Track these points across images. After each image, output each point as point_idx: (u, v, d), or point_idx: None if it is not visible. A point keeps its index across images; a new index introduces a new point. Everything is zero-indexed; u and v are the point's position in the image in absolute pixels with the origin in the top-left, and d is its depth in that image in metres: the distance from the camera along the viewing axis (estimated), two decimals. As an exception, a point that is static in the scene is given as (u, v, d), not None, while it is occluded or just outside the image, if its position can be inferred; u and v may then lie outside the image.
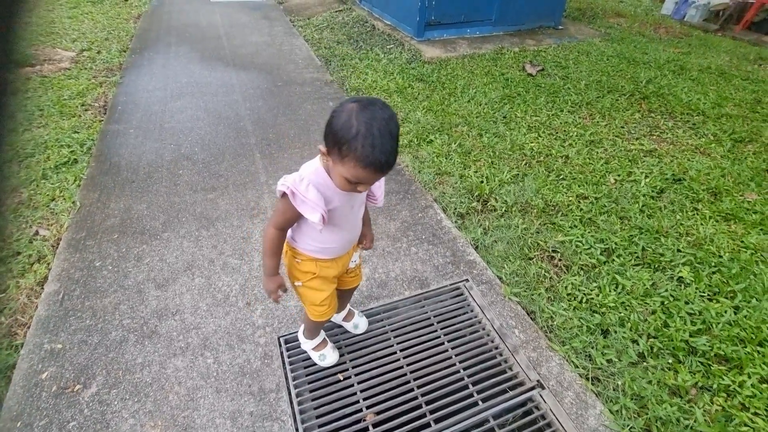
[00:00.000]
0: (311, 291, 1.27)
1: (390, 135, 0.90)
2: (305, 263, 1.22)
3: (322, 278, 1.26)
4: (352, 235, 1.23)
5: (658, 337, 1.76)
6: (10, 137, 0.27)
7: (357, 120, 0.88)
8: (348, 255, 1.30)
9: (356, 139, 0.87)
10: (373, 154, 0.88)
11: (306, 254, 1.21)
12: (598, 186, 2.63)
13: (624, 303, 1.91)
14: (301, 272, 1.24)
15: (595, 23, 5.81)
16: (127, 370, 1.56)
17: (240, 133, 3.07)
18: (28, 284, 1.87)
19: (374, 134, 0.87)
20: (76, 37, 4.65)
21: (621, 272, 2.06)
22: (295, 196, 1.01)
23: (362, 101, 0.91)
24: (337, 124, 0.90)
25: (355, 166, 0.90)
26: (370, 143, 0.87)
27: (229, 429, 1.40)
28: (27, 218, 2.21)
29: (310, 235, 1.16)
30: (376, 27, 5.23)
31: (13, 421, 1.40)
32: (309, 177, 1.03)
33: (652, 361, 1.68)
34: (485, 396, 1.54)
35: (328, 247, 1.19)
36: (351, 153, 0.89)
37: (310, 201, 1.00)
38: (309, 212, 1.01)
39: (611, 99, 3.65)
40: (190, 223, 2.24)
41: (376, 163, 0.89)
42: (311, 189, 1.01)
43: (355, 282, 1.46)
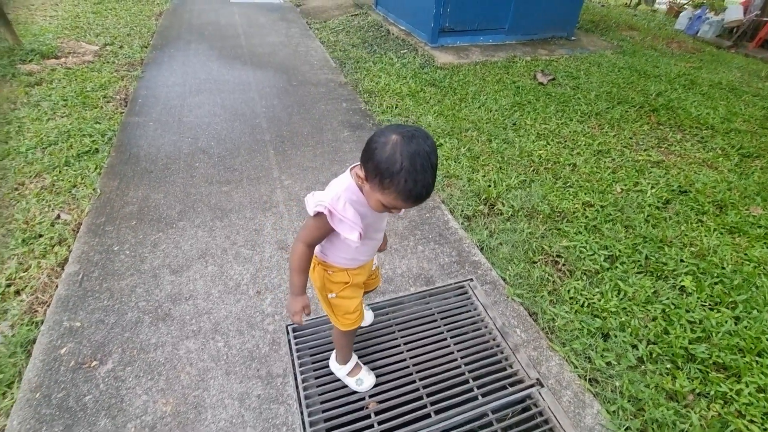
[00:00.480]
0: (345, 300, 1.29)
1: (431, 168, 0.91)
2: (337, 274, 1.24)
3: (354, 286, 1.29)
4: (378, 243, 1.27)
5: (658, 343, 1.79)
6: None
7: (401, 155, 0.88)
8: (371, 260, 1.36)
9: (400, 174, 0.88)
10: (415, 189, 0.90)
11: (337, 266, 1.23)
12: (604, 194, 2.67)
13: (625, 309, 1.94)
14: (334, 283, 1.26)
15: (607, 35, 5.86)
16: (141, 349, 1.62)
17: (255, 129, 3.16)
18: (49, 265, 1.95)
19: (417, 170, 0.88)
20: (100, 31, 4.79)
21: (624, 279, 2.09)
22: (333, 215, 1.01)
23: (405, 134, 0.90)
24: (380, 156, 0.90)
25: (396, 198, 0.93)
26: (413, 179, 0.89)
27: (237, 410, 1.46)
28: (49, 202, 2.30)
29: (342, 249, 1.18)
30: (391, 32, 5.33)
31: (32, 392, 1.47)
32: (344, 195, 1.02)
33: (650, 365, 1.71)
34: (485, 391, 1.58)
35: (358, 258, 1.23)
36: (392, 186, 0.90)
37: (349, 220, 1.01)
38: (348, 231, 1.02)
39: (621, 110, 3.69)
40: (204, 213, 2.31)
41: (416, 197, 0.92)
42: (349, 208, 1.01)
43: (376, 283, 1.51)
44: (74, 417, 1.40)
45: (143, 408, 1.44)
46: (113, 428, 1.38)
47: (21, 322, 1.71)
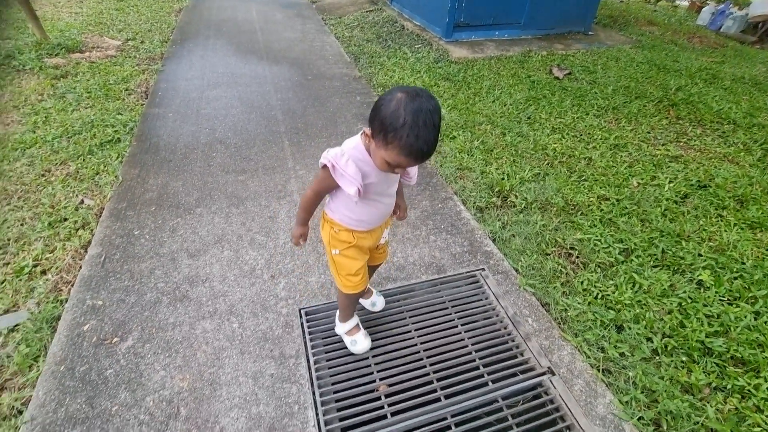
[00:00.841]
0: (348, 260, 1.34)
1: (433, 126, 0.95)
2: (342, 233, 1.30)
3: (358, 248, 1.33)
4: (386, 209, 1.29)
5: (673, 336, 1.76)
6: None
7: (404, 111, 0.92)
8: (381, 228, 1.37)
9: (402, 129, 0.93)
10: (417, 144, 0.94)
11: (342, 225, 1.28)
12: (620, 188, 2.63)
13: (640, 301, 1.91)
14: (339, 241, 1.31)
15: (626, 30, 5.75)
16: (159, 328, 1.67)
17: (270, 121, 3.20)
18: (73, 247, 2.02)
19: (419, 125, 0.93)
20: (122, 27, 4.92)
21: (639, 272, 2.06)
22: (335, 169, 1.08)
23: (410, 92, 0.95)
24: (385, 112, 0.95)
25: (399, 154, 0.97)
26: (415, 134, 0.93)
27: (251, 387, 1.49)
28: (74, 188, 2.38)
29: (347, 207, 1.23)
30: (406, 27, 5.33)
31: (57, 365, 1.53)
32: (349, 152, 1.09)
33: (665, 358, 1.69)
34: (495, 378, 1.59)
35: (363, 219, 1.26)
36: (395, 141, 0.95)
37: (349, 175, 1.07)
38: (347, 185, 1.09)
39: (638, 105, 3.62)
40: (221, 201, 2.36)
41: (417, 153, 0.96)
42: (350, 164, 1.08)
43: (382, 258, 1.54)
44: (96, 389, 1.46)
45: (161, 383, 1.49)
46: (133, 401, 1.43)
47: (47, 300, 1.78)
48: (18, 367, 1.53)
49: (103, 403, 1.42)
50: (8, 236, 2.06)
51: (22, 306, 1.76)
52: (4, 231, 2.08)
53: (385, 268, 2.01)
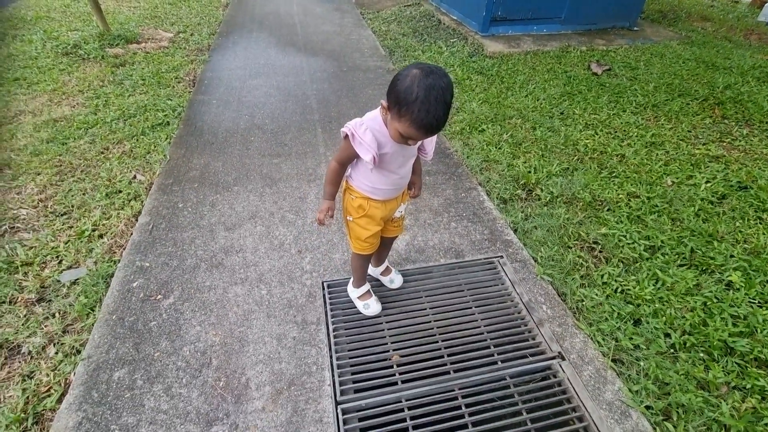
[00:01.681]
0: (359, 227, 1.46)
1: (444, 103, 1.03)
2: (357, 200, 1.41)
3: (369, 217, 1.43)
4: (401, 181, 1.38)
5: (694, 334, 1.74)
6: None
7: (418, 86, 1.00)
8: (396, 201, 1.47)
9: (414, 104, 1.01)
10: (427, 119, 1.02)
11: (359, 192, 1.39)
12: (652, 186, 2.57)
13: (662, 298, 1.89)
14: (353, 208, 1.43)
15: (676, 26, 5.47)
16: (197, 289, 1.85)
17: (306, 110, 3.36)
18: (125, 215, 2.25)
19: (430, 101, 1.00)
20: (174, 21, 5.27)
21: (663, 269, 2.03)
22: (354, 137, 1.19)
23: (425, 68, 1.03)
24: (400, 86, 1.03)
25: (410, 126, 1.05)
26: (426, 109, 1.01)
27: (275, 347, 1.63)
28: (128, 165, 2.63)
29: (365, 175, 1.34)
30: (442, 22, 5.35)
31: (110, 314, 1.74)
32: (368, 123, 1.20)
33: (683, 354, 1.67)
34: (505, 358, 1.64)
35: (379, 188, 1.36)
36: (408, 114, 1.03)
37: (365, 143, 1.18)
38: (363, 152, 1.19)
39: (681, 102, 3.48)
40: (256, 181, 2.53)
41: (427, 126, 1.04)
42: (368, 133, 1.18)
43: (397, 231, 1.63)
44: (141, 337, 1.65)
45: (197, 336, 1.66)
46: (172, 349, 1.61)
47: (102, 259, 2.01)
48: (78, 314, 1.75)
49: (146, 349, 1.60)
50: (72, 203, 2.32)
51: (83, 264, 1.99)
52: (69, 199, 2.34)
53: (405, 249, 2.10)
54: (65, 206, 2.30)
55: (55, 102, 3.29)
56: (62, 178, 2.51)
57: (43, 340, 1.66)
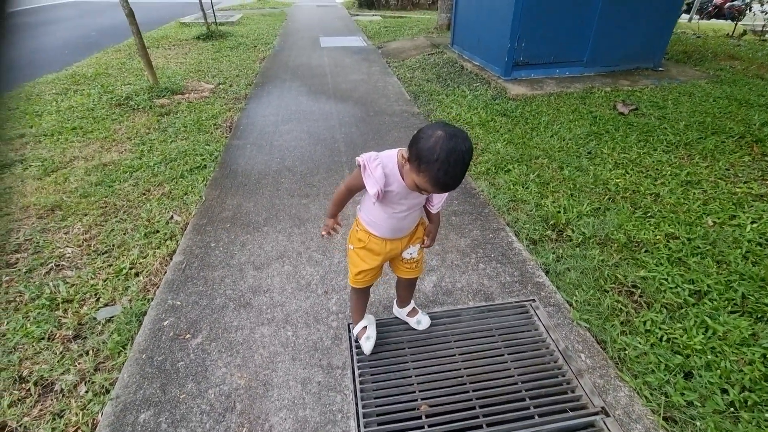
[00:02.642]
0: (357, 258, 1.50)
1: (463, 164, 1.07)
2: (360, 232, 1.46)
3: (369, 251, 1.47)
4: (403, 223, 1.40)
5: (755, 390, 1.57)
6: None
7: (441, 148, 1.04)
8: (400, 242, 1.48)
9: (435, 163, 1.05)
10: (444, 179, 1.07)
11: (363, 225, 1.44)
12: (692, 227, 2.45)
13: (714, 348, 1.74)
14: (356, 238, 1.49)
15: (702, 65, 5.44)
16: (225, 329, 1.86)
17: (334, 152, 3.49)
18: (161, 254, 2.34)
19: (450, 163, 1.04)
20: (216, 73, 5.73)
21: (713, 316, 1.88)
22: (365, 169, 1.23)
23: (449, 132, 1.06)
24: (423, 144, 1.07)
25: (426, 182, 1.10)
26: (445, 170, 1.05)
27: (299, 392, 1.59)
28: (166, 206, 2.77)
29: (368, 208, 1.40)
30: (465, 68, 5.55)
31: (140, 353, 1.76)
32: (383, 158, 1.23)
33: (745, 414, 1.50)
34: (542, 412, 1.52)
35: (379, 224, 1.39)
36: (427, 171, 1.07)
37: (374, 177, 1.22)
38: (370, 185, 1.23)
39: (715, 140, 3.38)
40: (285, 221, 2.60)
41: (444, 185, 1.10)
42: (379, 168, 1.22)
43: (412, 273, 1.62)
44: (169, 377, 1.65)
45: (222, 378, 1.64)
46: (197, 392, 1.59)
47: (137, 297, 2.07)
48: (110, 352, 1.78)
49: (173, 391, 1.60)
50: (113, 242, 2.44)
51: (118, 301, 2.06)
52: (111, 238, 2.47)
53: (432, 292, 2.06)
54: (107, 245, 2.42)
55: (105, 148, 3.57)
56: (106, 218, 2.66)
57: (75, 377, 1.69)
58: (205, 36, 7.94)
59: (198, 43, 7.75)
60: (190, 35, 8.27)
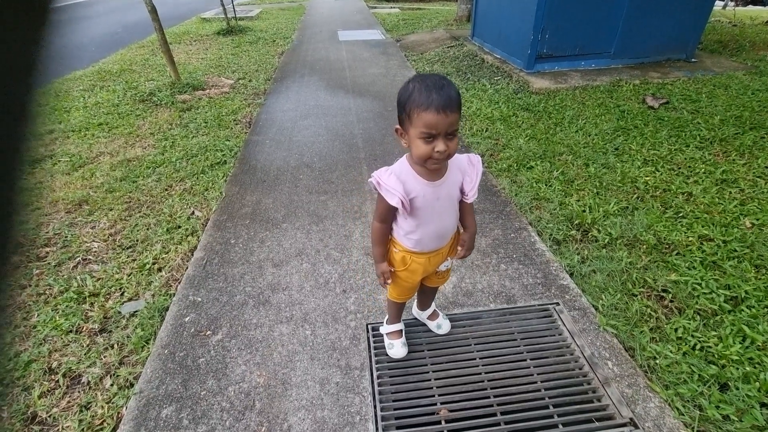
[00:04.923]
0: (399, 279, 1.43)
1: (444, 82, 1.03)
2: (400, 253, 1.36)
3: (409, 272, 1.39)
4: (441, 231, 1.29)
5: (798, 405, 1.48)
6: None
7: (412, 83, 1.06)
8: (441, 255, 1.39)
9: (414, 93, 1.03)
10: (430, 96, 1.00)
11: (400, 244, 1.34)
12: (728, 228, 2.32)
13: (752, 359, 1.64)
14: (396, 261, 1.39)
15: (739, 56, 5.15)
16: (244, 326, 1.87)
17: (352, 148, 3.46)
18: (183, 250, 2.37)
19: (428, 84, 1.02)
20: (236, 69, 5.77)
21: (751, 325, 1.78)
22: (380, 185, 1.17)
23: (421, 75, 1.09)
24: (399, 96, 1.09)
25: (419, 114, 1.01)
26: (426, 89, 1.01)
27: (317, 392, 1.58)
28: (188, 201, 2.81)
29: (401, 224, 1.30)
30: (486, 60, 5.42)
31: (162, 348, 1.79)
32: (393, 168, 1.19)
33: (786, 430, 1.42)
34: (567, 421, 1.47)
35: (417, 238, 1.28)
36: (413, 105, 1.02)
37: (390, 187, 1.15)
38: (389, 198, 1.15)
39: (754, 136, 3.19)
40: (304, 218, 2.60)
41: (434, 102, 0.99)
42: (392, 177, 1.16)
43: (441, 282, 1.58)
44: (190, 373, 1.67)
45: (242, 376, 1.65)
46: (217, 389, 1.61)
47: (160, 293, 2.10)
48: (134, 346, 1.82)
49: (194, 387, 1.62)
50: (137, 237, 2.49)
51: (142, 296, 2.10)
52: (135, 233, 2.52)
53: (452, 292, 2.02)
54: (131, 240, 2.47)
55: (130, 144, 3.65)
56: (130, 213, 2.71)
57: (101, 371, 1.73)
58: (225, 31, 8.01)
59: (218, 38, 7.83)
60: (211, 30, 8.35)
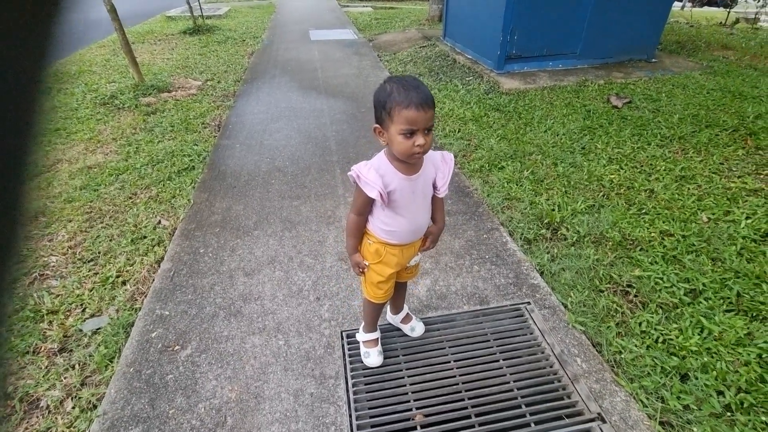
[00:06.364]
0: (374, 273, 1.43)
1: (418, 82, 1.11)
2: (374, 245, 1.37)
3: (385, 264, 1.40)
4: (415, 223, 1.33)
5: (751, 392, 1.56)
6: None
7: (389, 84, 1.11)
8: (413, 248, 1.43)
9: (393, 92, 1.08)
10: (409, 95, 1.07)
11: (376, 236, 1.36)
12: (686, 223, 2.44)
13: (710, 349, 1.73)
14: (370, 253, 1.40)
15: (695, 56, 5.41)
16: (215, 340, 1.82)
17: (325, 151, 3.42)
18: (149, 261, 2.28)
19: (405, 84, 1.09)
20: (203, 69, 5.60)
21: (708, 316, 1.87)
22: (360, 178, 1.20)
23: (391, 77, 1.15)
24: (377, 96, 1.13)
25: (400, 112, 1.07)
26: (404, 89, 1.08)
27: (291, 404, 1.56)
28: (154, 210, 2.70)
29: (378, 216, 1.32)
30: (457, 61, 5.47)
31: (127, 366, 1.71)
32: (372, 162, 1.22)
33: (741, 416, 1.50)
34: (539, 419, 1.51)
35: (393, 230, 1.32)
36: (393, 104, 1.08)
37: (370, 180, 1.18)
38: (369, 190, 1.19)
39: (709, 134, 3.36)
40: (276, 224, 2.55)
41: (414, 100, 1.06)
42: (371, 171, 1.19)
43: (410, 276, 1.60)
44: (157, 392, 1.61)
45: (212, 392, 1.60)
46: (187, 406, 1.55)
47: (124, 307, 2.01)
48: (97, 365, 1.74)
49: (162, 406, 1.56)
50: (99, 250, 2.37)
51: (105, 312, 2.00)
52: (96, 245, 2.41)
53: (426, 296, 2.02)
54: (92, 253, 2.36)
55: (90, 150, 3.48)
56: (91, 224, 2.59)
57: (61, 393, 1.64)
58: (192, 30, 7.77)
59: (184, 37, 7.58)
60: (177, 29, 8.08)
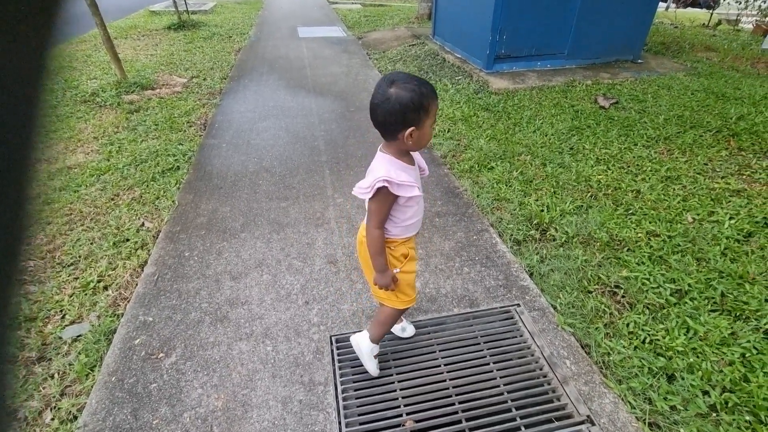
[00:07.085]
0: (408, 274, 1.39)
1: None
2: (398, 248, 1.34)
3: (412, 258, 1.39)
4: (423, 206, 1.36)
5: (735, 392, 1.59)
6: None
7: (411, 84, 1.12)
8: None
9: (422, 92, 1.11)
10: (429, 87, 1.14)
11: (396, 239, 1.33)
12: (672, 224, 2.47)
13: (695, 349, 1.75)
14: (396, 258, 1.35)
15: (680, 57, 5.50)
16: (200, 346, 1.77)
17: (314, 151, 3.38)
18: (131, 266, 2.22)
19: (418, 81, 1.13)
20: (189, 66, 5.48)
21: (694, 316, 1.90)
22: (392, 183, 1.15)
23: (387, 78, 1.14)
24: (412, 102, 1.10)
25: (432, 105, 1.14)
26: (422, 84, 1.13)
27: (279, 412, 1.53)
28: (137, 212, 2.63)
29: (399, 218, 1.28)
30: (447, 60, 5.47)
31: (110, 375, 1.66)
32: (389, 167, 1.19)
33: (725, 416, 1.52)
34: (529, 422, 1.51)
35: (415, 221, 1.32)
36: (429, 100, 1.12)
37: (406, 181, 1.17)
38: (408, 191, 1.18)
39: (694, 135, 3.42)
40: (264, 226, 2.50)
41: (434, 90, 1.16)
42: (401, 173, 1.18)
43: None
44: (141, 402, 1.56)
45: (198, 400, 1.56)
46: (171, 416, 1.51)
47: (106, 313, 1.95)
48: (77, 375, 1.68)
49: (145, 416, 1.51)
50: (80, 253, 2.30)
51: (86, 318, 1.94)
52: (77, 249, 2.33)
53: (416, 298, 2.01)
54: (72, 256, 2.28)
55: (70, 149, 3.37)
56: (71, 227, 2.51)
57: (40, 404, 1.59)
58: (177, 26, 7.60)
59: (169, 33, 7.41)
60: (161, 25, 7.90)
